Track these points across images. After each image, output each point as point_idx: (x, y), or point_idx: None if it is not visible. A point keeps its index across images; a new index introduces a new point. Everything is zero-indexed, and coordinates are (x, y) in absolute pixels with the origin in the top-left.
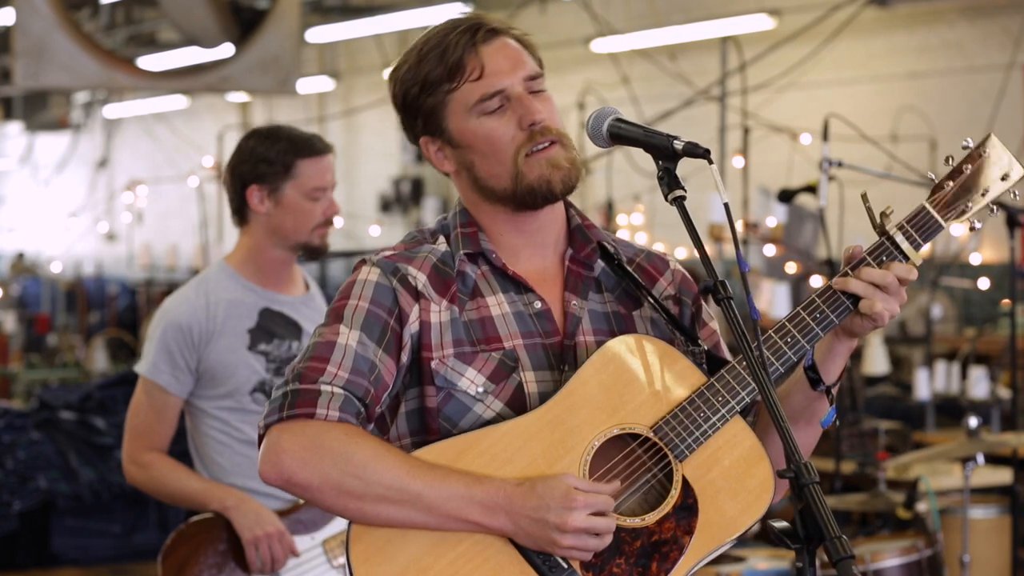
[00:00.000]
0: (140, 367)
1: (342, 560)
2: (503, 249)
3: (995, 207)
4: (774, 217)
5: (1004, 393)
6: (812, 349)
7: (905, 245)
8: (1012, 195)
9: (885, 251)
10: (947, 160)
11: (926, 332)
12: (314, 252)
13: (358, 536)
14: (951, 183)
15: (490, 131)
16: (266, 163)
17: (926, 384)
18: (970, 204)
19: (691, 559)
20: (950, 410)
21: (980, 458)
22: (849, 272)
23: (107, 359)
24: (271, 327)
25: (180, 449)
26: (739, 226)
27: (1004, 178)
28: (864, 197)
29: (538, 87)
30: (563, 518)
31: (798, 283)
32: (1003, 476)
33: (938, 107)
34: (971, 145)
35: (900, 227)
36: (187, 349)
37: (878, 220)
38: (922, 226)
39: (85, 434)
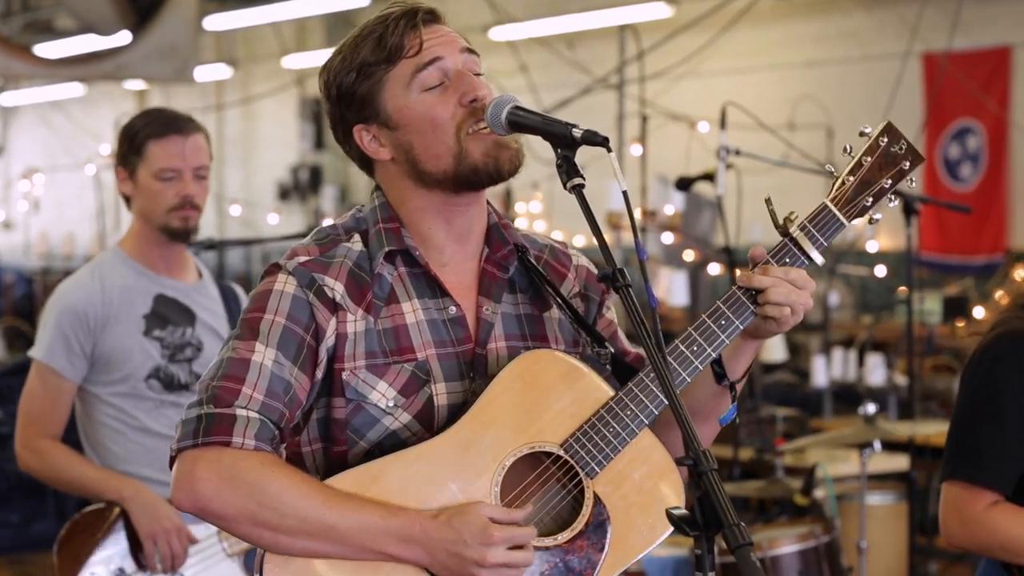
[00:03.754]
0: (34, 352)
1: (238, 548)
2: (427, 246)
3: (894, 197)
4: (672, 205)
5: (901, 380)
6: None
7: (808, 246)
8: (909, 182)
9: (788, 252)
10: (845, 150)
11: (823, 319)
12: (176, 235)
13: (272, 568)
14: (851, 178)
15: (430, 107)
16: (127, 144)
17: (823, 371)
18: (870, 199)
19: (604, 575)
20: (847, 397)
21: (877, 445)
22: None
23: (4, 348)
24: (165, 313)
25: (73, 439)
26: (637, 214)
27: (903, 168)
28: (768, 201)
29: (476, 66)
30: (482, 554)
31: (696, 271)
32: (900, 462)
33: (835, 96)
34: (868, 131)
35: (802, 227)
36: (83, 333)
37: (780, 222)
38: (824, 225)
39: None
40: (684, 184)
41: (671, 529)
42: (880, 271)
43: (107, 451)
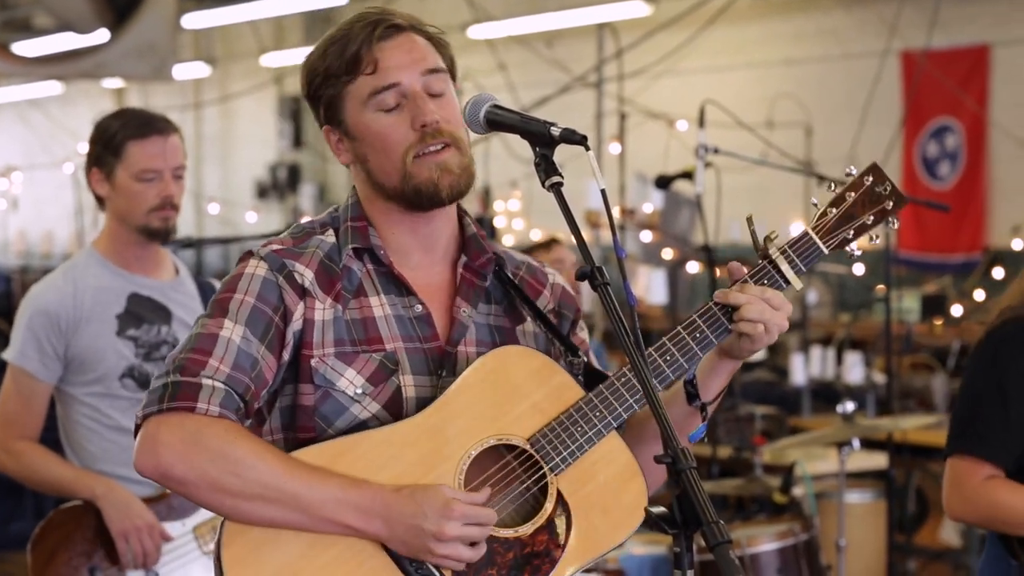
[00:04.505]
0: (7, 354)
1: (212, 546)
2: (393, 248)
3: (876, 236)
4: (651, 203)
5: (879, 378)
6: (699, 360)
7: (787, 270)
8: (893, 224)
9: (767, 274)
10: (829, 186)
11: (802, 318)
12: (155, 235)
13: (230, 539)
14: (834, 210)
15: (383, 128)
16: (102, 145)
17: (802, 369)
18: (851, 233)
19: (562, 572)
20: (826, 395)
21: (855, 443)
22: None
23: None
24: (140, 312)
25: (52, 438)
26: (616, 212)
27: (886, 208)
28: (749, 220)
29: (439, 86)
30: (440, 527)
31: (675, 269)
32: (878, 460)
33: (814, 94)
34: (854, 172)
35: (783, 251)
36: (54, 335)
37: (761, 243)
38: (804, 252)
39: None
40: (663, 182)
41: (632, 532)
42: (858, 269)
43: (84, 451)
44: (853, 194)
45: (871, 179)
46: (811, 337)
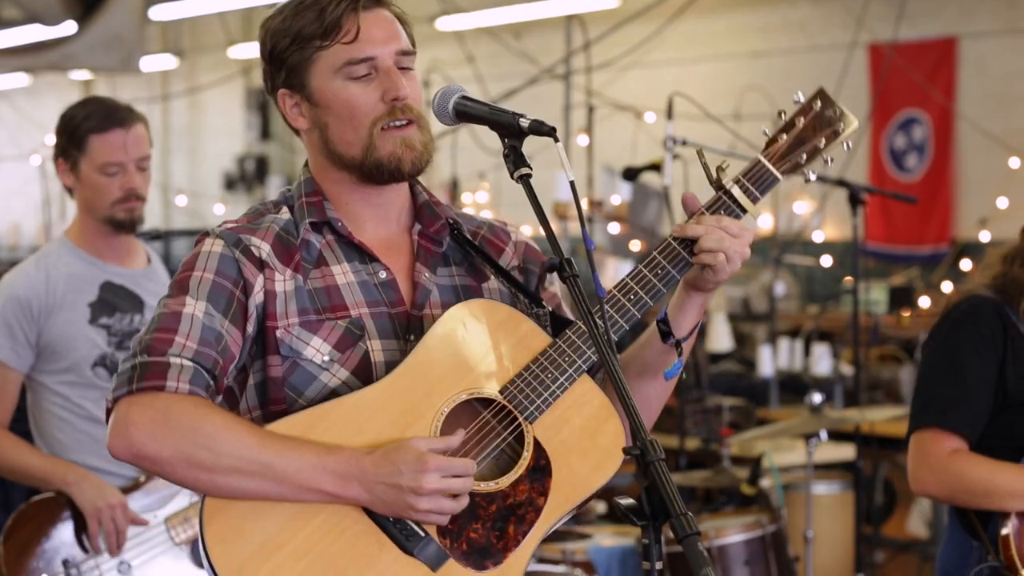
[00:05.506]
0: None
1: (184, 537)
2: (349, 218)
3: (829, 158)
4: (619, 195)
5: (847, 370)
6: (666, 296)
7: (742, 198)
8: (845, 146)
9: (723, 205)
10: (780, 114)
11: (769, 309)
12: (121, 227)
13: (211, 516)
14: (785, 136)
15: (352, 96)
16: (67, 137)
17: (770, 361)
18: (804, 156)
19: (547, 520)
20: (793, 387)
21: (823, 434)
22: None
23: None
24: (112, 300)
25: (22, 429)
26: (584, 204)
27: (837, 130)
28: (700, 153)
29: (407, 64)
30: (417, 481)
31: (643, 261)
32: (846, 452)
33: (781, 86)
34: (802, 99)
35: (737, 180)
36: (27, 323)
37: (715, 175)
38: (758, 179)
39: None
40: (631, 174)
41: (613, 472)
42: (826, 261)
43: (55, 440)
44: (803, 119)
45: (820, 104)
46: (779, 329)
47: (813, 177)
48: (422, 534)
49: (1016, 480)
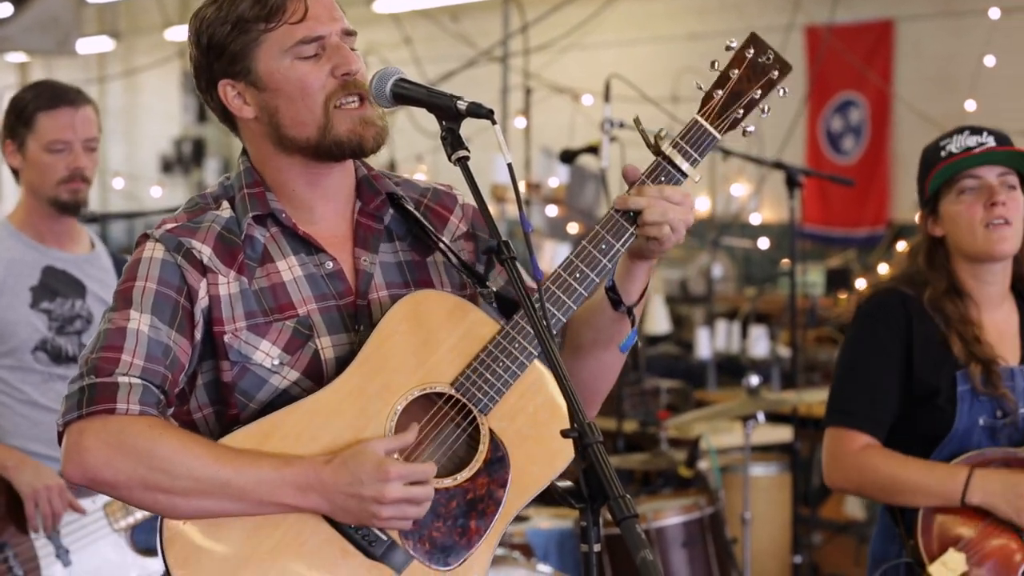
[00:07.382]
0: None
1: (123, 524)
2: (294, 206)
3: (766, 107)
4: (556, 178)
5: (784, 352)
6: (612, 270)
7: (681, 162)
8: (781, 92)
9: (663, 171)
10: (713, 64)
11: (707, 291)
12: (65, 208)
13: (172, 539)
14: (720, 91)
15: (303, 75)
16: (15, 117)
17: (707, 343)
18: (741, 112)
19: (509, 510)
20: (731, 369)
21: (760, 416)
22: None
23: None
24: (54, 285)
25: None
26: (522, 186)
27: (772, 78)
28: (637, 121)
29: (351, 44)
30: (379, 491)
31: (586, 236)
32: (783, 434)
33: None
34: (734, 45)
35: (675, 144)
36: None
37: (652, 141)
38: (696, 141)
39: None
40: (568, 157)
41: (571, 458)
42: (763, 243)
43: None
44: (737, 71)
45: (752, 51)
46: (716, 311)
47: (752, 129)
48: (385, 539)
49: (921, 476)
